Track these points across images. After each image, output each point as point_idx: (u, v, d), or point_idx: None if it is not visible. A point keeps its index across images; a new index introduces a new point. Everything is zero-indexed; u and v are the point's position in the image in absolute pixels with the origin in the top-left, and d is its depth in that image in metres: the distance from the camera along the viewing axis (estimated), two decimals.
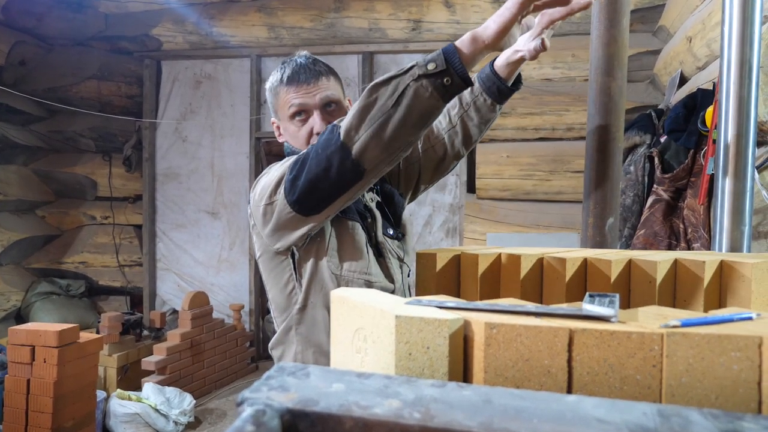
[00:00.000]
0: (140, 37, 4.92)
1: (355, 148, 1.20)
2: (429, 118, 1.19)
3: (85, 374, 3.17)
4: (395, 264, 1.51)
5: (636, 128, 2.89)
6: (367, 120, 1.19)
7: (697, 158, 2.34)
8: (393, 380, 0.52)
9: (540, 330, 0.59)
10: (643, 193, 2.71)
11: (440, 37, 4.33)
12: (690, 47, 2.82)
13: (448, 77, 1.14)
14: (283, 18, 4.52)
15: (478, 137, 1.58)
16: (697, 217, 2.21)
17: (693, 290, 1.04)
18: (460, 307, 0.68)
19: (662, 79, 3.61)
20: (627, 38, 1.50)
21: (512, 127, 4.18)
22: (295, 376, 0.54)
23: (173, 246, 5.22)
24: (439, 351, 0.62)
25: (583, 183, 1.57)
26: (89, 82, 5.03)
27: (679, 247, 2.32)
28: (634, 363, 0.57)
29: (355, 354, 0.74)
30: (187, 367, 4.15)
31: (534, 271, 1.18)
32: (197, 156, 5.13)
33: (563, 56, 4.09)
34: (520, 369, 0.60)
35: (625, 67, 1.50)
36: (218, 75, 5.04)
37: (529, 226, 4.19)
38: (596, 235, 1.47)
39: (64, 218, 5.38)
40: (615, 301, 0.66)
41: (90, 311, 5.15)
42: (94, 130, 5.15)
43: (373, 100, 1.18)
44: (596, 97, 1.50)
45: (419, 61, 1.16)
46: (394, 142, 1.20)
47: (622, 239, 2.72)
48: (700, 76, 2.76)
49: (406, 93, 1.15)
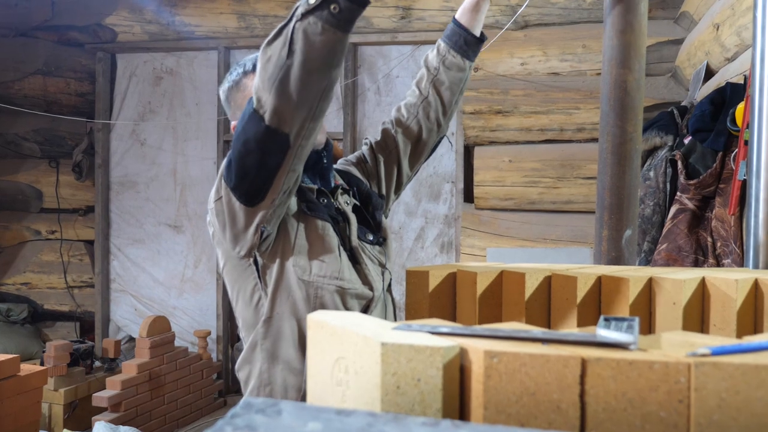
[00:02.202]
0: (92, 27, 4.90)
1: (267, 114, 1.24)
2: (334, 54, 1.22)
3: (27, 412, 3.12)
4: (375, 270, 1.54)
5: (656, 128, 2.91)
6: (267, 80, 1.22)
7: (727, 162, 2.35)
8: (378, 418, 0.51)
9: (548, 359, 0.58)
10: (665, 202, 2.72)
11: (433, 26, 4.36)
12: (717, 36, 2.85)
13: (333, 4, 1.16)
14: (255, 5, 4.53)
15: (454, 102, 1.69)
16: (727, 229, 2.21)
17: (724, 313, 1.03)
18: (455, 333, 0.67)
19: (685, 72, 3.64)
20: (645, 25, 1.51)
21: (515, 128, 4.20)
22: (264, 413, 0.52)
23: (130, 264, 5.17)
24: (432, 384, 0.61)
25: (596, 191, 1.57)
26: (34, 78, 4.99)
27: (707, 263, 2.33)
28: (657, 398, 0.56)
29: (336, 387, 0.72)
30: (145, 402, 4.10)
31: (540, 291, 1.18)
32: (157, 161, 5.10)
33: (573, 47, 4.12)
34: (525, 404, 0.59)
35: (643, 58, 1.50)
36: (181, 70, 5.02)
37: (535, 239, 4.20)
38: (612, 249, 1.47)
39: (4, 233, 5.32)
40: (634, 325, 0.65)
41: (34, 339, 5.08)
42: (39, 133, 5.11)
43: (267, 58, 1.22)
44: (610, 93, 1.50)
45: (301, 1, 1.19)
46: (305, 93, 1.23)
47: (641, 254, 2.73)
48: (729, 68, 2.79)
49: (295, 38, 1.18)
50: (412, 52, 4.56)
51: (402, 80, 4.59)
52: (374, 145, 1.73)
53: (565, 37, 4.13)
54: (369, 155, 1.73)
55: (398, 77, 4.61)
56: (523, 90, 4.17)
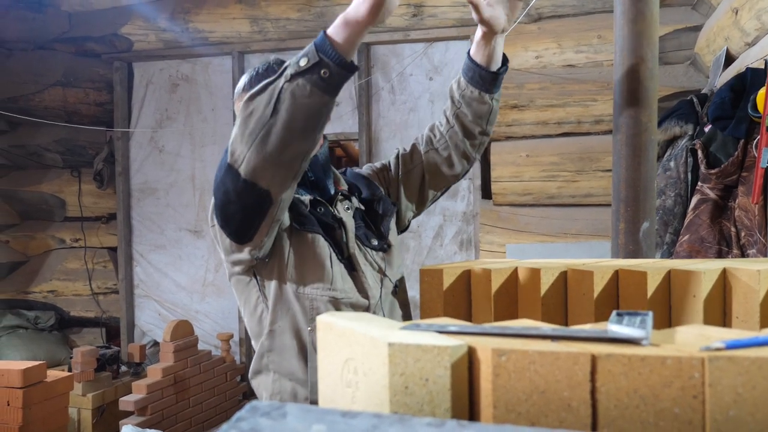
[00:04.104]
0: (108, 37, 4.96)
1: (243, 169, 1.24)
2: (319, 117, 1.22)
3: (55, 417, 3.17)
4: (373, 277, 1.54)
5: (675, 117, 2.87)
6: (247, 136, 1.22)
7: (749, 149, 2.31)
8: (383, 419, 0.50)
9: (557, 356, 0.57)
10: (686, 192, 2.67)
11: (445, 22, 4.33)
12: (736, 20, 2.80)
13: (324, 69, 1.16)
14: (267, 9, 4.55)
15: (480, 134, 1.62)
16: (751, 218, 2.17)
17: (746, 305, 1.01)
18: (464, 332, 0.67)
19: (705, 59, 3.58)
20: (657, 12, 1.48)
21: (531, 122, 4.16)
22: (269, 416, 0.52)
23: (152, 270, 5.22)
24: (440, 383, 0.61)
25: (612, 183, 1.55)
26: (53, 90, 5.06)
27: (731, 254, 2.28)
28: (670, 394, 0.54)
29: (346, 388, 0.72)
30: (171, 406, 4.13)
31: (556, 286, 1.16)
32: (176, 168, 5.15)
33: (588, 38, 4.07)
34: (535, 403, 0.57)
35: (656, 47, 1.48)
36: (196, 76, 5.06)
37: (555, 234, 4.16)
38: (629, 242, 1.45)
39: (30, 242, 5.40)
40: (647, 320, 0.64)
41: (61, 346, 5.15)
42: (60, 143, 5.17)
43: (249, 113, 1.21)
44: (623, 83, 1.48)
45: (292, 60, 1.20)
46: (284, 153, 1.23)
47: (663, 246, 2.68)
48: (750, 53, 2.73)
49: (282, 98, 1.18)
50: (425, 49, 4.54)
51: (416, 78, 4.58)
52: (401, 156, 1.72)
53: (579, 28, 4.08)
54: (394, 164, 1.73)
55: (412, 75, 4.59)
56: (538, 83, 4.14)
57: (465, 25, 4.31)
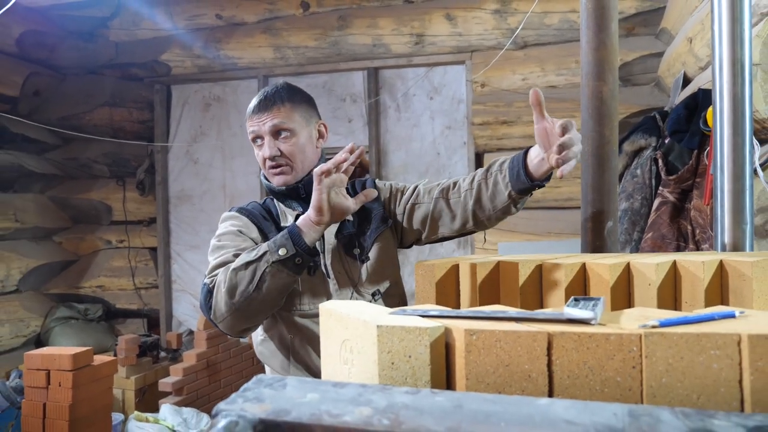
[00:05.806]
0: (150, 63, 5.01)
1: (222, 325, 1.38)
2: (287, 289, 1.37)
3: (100, 397, 3.19)
4: (345, 286, 1.53)
5: (641, 131, 2.87)
6: (230, 305, 1.33)
7: (701, 158, 2.32)
8: (367, 389, 0.52)
9: (519, 335, 0.59)
10: (651, 196, 2.68)
11: (443, 49, 4.36)
12: (691, 48, 2.81)
13: (298, 257, 1.31)
14: (288, 38, 4.58)
15: (488, 214, 1.46)
16: (704, 217, 2.18)
17: (693, 291, 1.02)
18: (442, 315, 0.69)
19: (666, 81, 3.58)
20: (617, 42, 1.50)
21: (519, 136, 4.17)
22: (272, 387, 0.54)
23: (188, 267, 5.26)
24: (421, 359, 0.62)
25: (581, 188, 1.56)
26: (101, 109, 5.11)
27: (688, 248, 2.29)
28: (614, 365, 0.56)
29: (343, 365, 0.74)
30: (204, 387, 4.16)
31: (533, 278, 1.18)
32: (209, 177, 5.19)
33: (567, 63, 4.08)
34: (501, 375, 0.59)
35: (615, 71, 1.50)
36: (227, 97, 5.10)
37: (541, 234, 4.17)
38: (596, 239, 1.46)
39: (80, 243, 5.45)
40: (599, 304, 0.65)
41: (108, 334, 5.19)
42: (107, 156, 5.22)
43: (234, 284, 1.32)
44: (588, 102, 1.50)
45: (271, 247, 1.32)
46: (259, 315, 1.40)
47: (632, 243, 2.69)
48: (702, 76, 2.74)
49: (264, 278, 1.30)
50: (425, 73, 4.57)
51: (418, 98, 4.60)
52: (418, 189, 1.60)
53: (560, 54, 4.09)
54: (410, 192, 1.61)
55: (415, 95, 4.62)
56: (524, 102, 4.15)
57: (460, 52, 4.34)
